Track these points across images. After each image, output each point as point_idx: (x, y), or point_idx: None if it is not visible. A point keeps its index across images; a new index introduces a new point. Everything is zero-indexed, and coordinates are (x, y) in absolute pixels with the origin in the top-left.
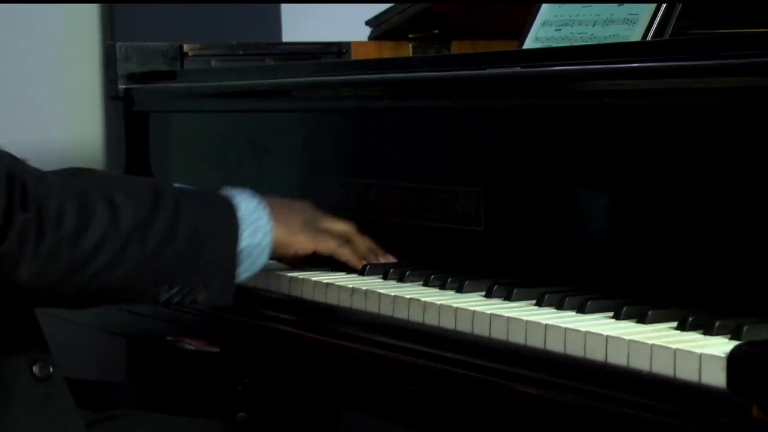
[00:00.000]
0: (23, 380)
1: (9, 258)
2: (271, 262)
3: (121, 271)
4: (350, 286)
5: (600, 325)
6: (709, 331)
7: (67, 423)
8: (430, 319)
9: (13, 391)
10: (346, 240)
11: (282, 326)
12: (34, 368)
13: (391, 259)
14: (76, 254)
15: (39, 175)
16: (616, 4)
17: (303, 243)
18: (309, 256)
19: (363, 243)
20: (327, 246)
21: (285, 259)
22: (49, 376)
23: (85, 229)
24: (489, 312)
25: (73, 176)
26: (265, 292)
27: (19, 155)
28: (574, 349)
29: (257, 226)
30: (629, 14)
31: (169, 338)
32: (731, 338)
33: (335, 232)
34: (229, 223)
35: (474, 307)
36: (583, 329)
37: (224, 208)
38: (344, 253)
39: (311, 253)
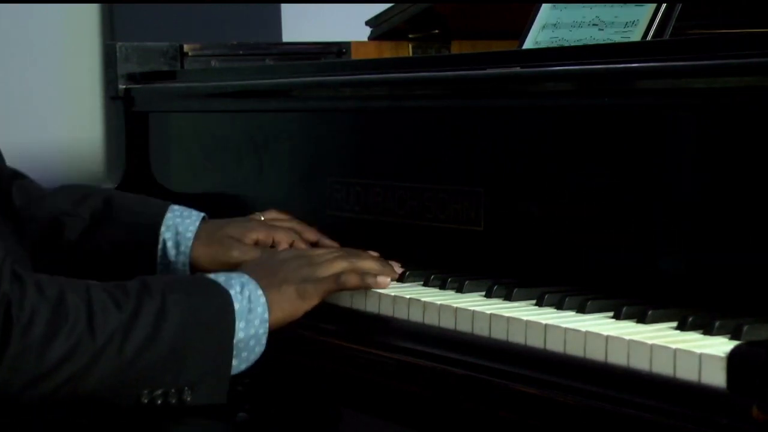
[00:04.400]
0: None
1: None
2: None
3: (92, 381)
4: None
5: (600, 325)
6: (709, 331)
7: None
8: (430, 319)
9: None
10: (350, 270)
11: None
12: None
13: (396, 266)
14: (43, 364)
15: (17, 273)
16: (616, 5)
17: (304, 308)
18: None
19: (365, 264)
20: (329, 292)
21: None
22: None
23: (54, 337)
24: (489, 312)
25: (54, 278)
26: None
27: (18, 155)
28: (574, 349)
29: (254, 314)
30: (629, 14)
31: None
32: (731, 338)
33: (336, 274)
34: (223, 317)
35: (474, 307)
36: (583, 329)
37: (219, 301)
38: (348, 284)
39: None
